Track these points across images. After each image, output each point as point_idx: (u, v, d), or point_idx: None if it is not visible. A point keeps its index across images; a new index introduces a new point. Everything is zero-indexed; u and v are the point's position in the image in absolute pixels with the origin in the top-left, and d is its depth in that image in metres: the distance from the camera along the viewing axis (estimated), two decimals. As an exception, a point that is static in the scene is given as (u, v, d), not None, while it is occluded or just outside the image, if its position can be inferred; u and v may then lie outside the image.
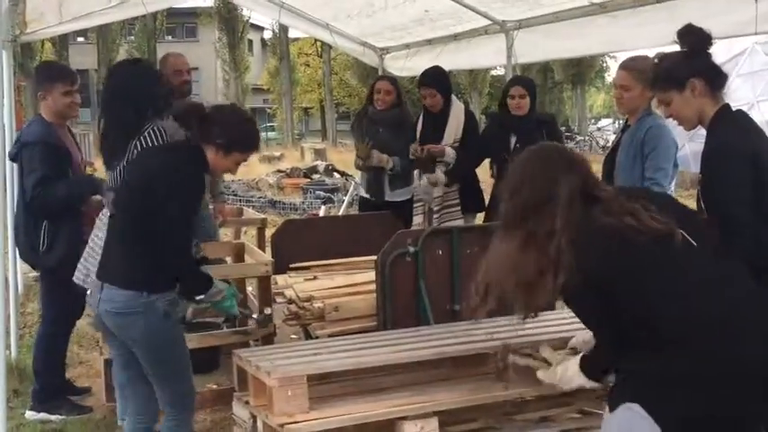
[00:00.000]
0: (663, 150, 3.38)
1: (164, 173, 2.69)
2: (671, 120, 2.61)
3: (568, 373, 2.43)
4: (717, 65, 2.45)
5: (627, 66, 3.50)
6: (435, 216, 4.80)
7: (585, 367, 2.37)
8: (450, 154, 4.73)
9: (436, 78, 4.82)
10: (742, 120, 2.45)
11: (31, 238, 3.83)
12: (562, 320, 3.07)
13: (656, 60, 2.59)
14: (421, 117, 5.01)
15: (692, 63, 2.41)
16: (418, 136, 4.92)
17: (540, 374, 2.60)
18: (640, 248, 2.06)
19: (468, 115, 4.90)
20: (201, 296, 2.80)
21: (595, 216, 2.12)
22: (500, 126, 4.71)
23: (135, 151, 3.19)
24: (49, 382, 3.99)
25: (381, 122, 4.93)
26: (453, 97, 4.91)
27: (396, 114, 4.95)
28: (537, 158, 2.28)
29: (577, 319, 2.33)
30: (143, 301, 2.65)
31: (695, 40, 2.43)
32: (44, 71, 4.25)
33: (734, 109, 2.44)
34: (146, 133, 3.22)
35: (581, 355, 2.44)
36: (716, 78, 2.43)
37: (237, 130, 2.80)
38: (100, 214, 3.33)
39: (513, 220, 2.20)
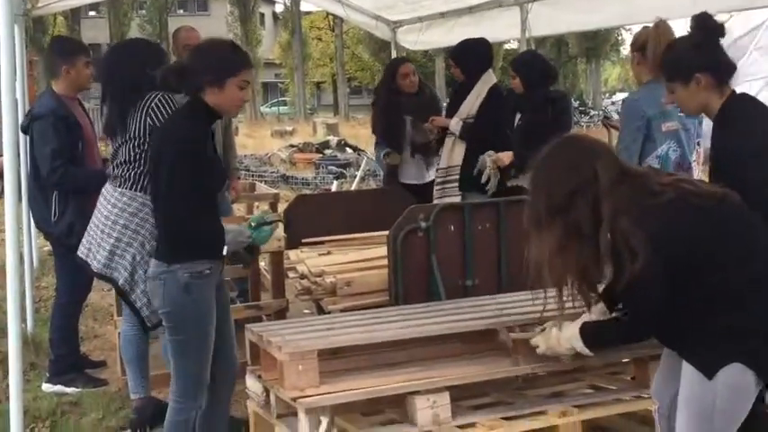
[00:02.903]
0: (624, 126, 3.35)
1: (158, 140, 2.76)
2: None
3: (566, 334, 2.43)
4: (726, 58, 2.42)
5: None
6: (437, 188, 4.77)
7: (587, 334, 2.37)
8: (453, 125, 4.67)
9: (456, 51, 4.78)
10: (750, 109, 2.43)
11: (42, 208, 3.90)
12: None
13: (667, 47, 2.57)
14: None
15: (699, 56, 2.39)
16: (448, 107, 4.94)
17: (535, 340, 2.60)
18: (711, 210, 2.13)
19: (491, 92, 4.61)
20: (225, 249, 2.69)
21: (654, 191, 2.14)
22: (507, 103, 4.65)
23: (148, 120, 3.19)
24: (65, 353, 4.05)
25: (411, 108, 4.93)
26: (487, 74, 4.65)
27: (426, 97, 5.04)
28: (565, 148, 2.28)
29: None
30: (164, 269, 2.67)
31: (705, 34, 2.41)
32: (65, 45, 4.31)
33: (738, 93, 2.43)
34: (153, 104, 3.21)
35: (582, 321, 2.43)
36: (724, 72, 2.41)
37: (215, 60, 2.69)
38: (102, 189, 3.34)
39: (548, 215, 2.18)
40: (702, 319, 2.14)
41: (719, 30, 2.41)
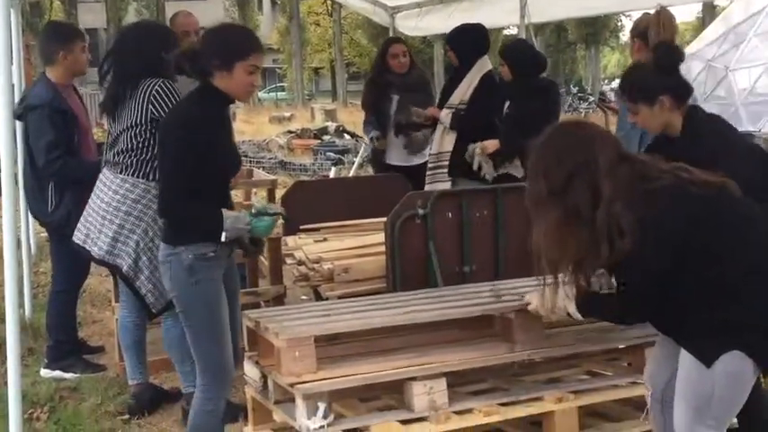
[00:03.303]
0: (625, 114, 3.30)
1: (164, 123, 2.78)
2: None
3: (560, 294, 2.41)
4: (686, 81, 2.70)
5: None
6: (429, 174, 4.77)
7: (582, 299, 2.37)
8: (443, 117, 4.65)
9: (452, 36, 4.79)
10: (715, 120, 2.72)
11: (38, 198, 3.89)
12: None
13: (629, 70, 2.83)
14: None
15: (663, 80, 2.63)
16: (442, 91, 4.93)
17: (529, 296, 2.63)
18: (709, 199, 2.14)
19: (484, 79, 4.58)
20: (224, 235, 2.63)
21: (652, 176, 2.16)
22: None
23: (150, 108, 3.17)
24: (63, 339, 4.06)
25: (398, 86, 4.94)
26: (482, 60, 4.61)
27: (413, 76, 5.03)
28: (565, 131, 2.30)
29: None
30: (170, 251, 2.67)
31: (669, 61, 2.65)
32: (61, 29, 4.24)
33: (692, 105, 2.69)
34: (154, 91, 3.18)
35: (573, 291, 2.42)
36: (684, 94, 2.67)
37: (223, 43, 2.66)
38: (100, 175, 3.33)
39: (548, 198, 2.19)
40: (700, 310, 2.14)
41: (680, 58, 2.68)
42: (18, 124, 4.02)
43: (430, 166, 4.77)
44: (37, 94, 3.86)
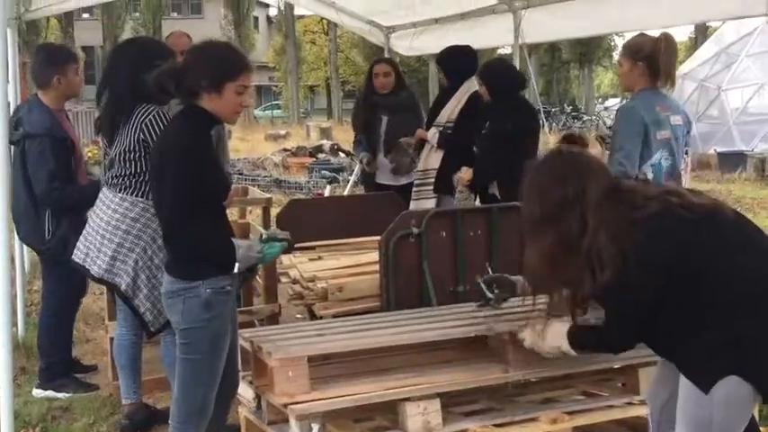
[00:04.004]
0: (622, 130, 3.34)
1: (159, 152, 2.60)
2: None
3: (553, 331, 2.44)
4: None
5: (624, 44, 3.54)
6: (414, 190, 4.80)
7: (575, 336, 2.38)
8: (430, 137, 4.69)
9: (442, 56, 4.85)
10: None
11: (34, 225, 3.82)
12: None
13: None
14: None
15: None
16: (431, 109, 4.99)
17: (523, 333, 2.61)
18: (698, 223, 2.13)
19: (470, 100, 4.64)
20: (236, 266, 2.55)
21: (638, 204, 2.15)
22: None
23: (141, 136, 3.15)
24: (54, 360, 4.03)
25: (387, 107, 4.97)
26: (470, 81, 4.67)
27: (401, 98, 5.05)
28: (556, 160, 2.31)
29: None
30: (185, 286, 2.53)
31: None
32: (54, 53, 4.12)
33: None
34: (147, 120, 3.16)
35: (571, 323, 2.44)
36: None
37: (211, 63, 2.52)
38: (99, 194, 3.33)
39: (540, 223, 2.20)
40: (695, 333, 2.13)
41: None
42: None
43: (416, 182, 4.82)
44: (36, 122, 3.79)
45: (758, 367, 2.08)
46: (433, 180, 4.69)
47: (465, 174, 4.44)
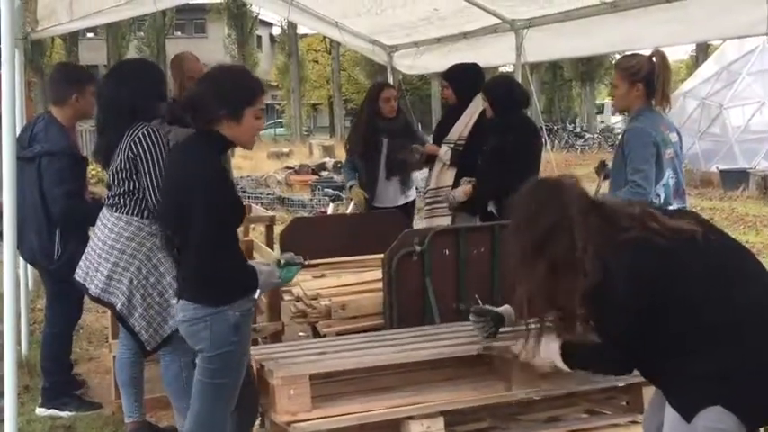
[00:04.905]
0: (638, 152, 3.33)
1: (183, 180, 2.54)
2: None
3: (549, 351, 2.42)
4: None
5: (617, 64, 3.55)
6: (427, 209, 4.81)
7: (568, 352, 2.38)
8: (442, 154, 4.72)
9: (450, 73, 4.87)
10: None
11: (45, 244, 3.83)
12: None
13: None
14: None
15: None
16: (437, 127, 5.04)
17: (517, 348, 2.60)
18: (675, 251, 2.10)
19: (481, 117, 4.62)
20: (257, 291, 2.60)
21: (620, 225, 2.16)
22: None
23: (129, 154, 3.16)
24: (58, 379, 4.02)
25: (388, 131, 5.02)
26: (478, 97, 4.63)
27: (401, 122, 5.12)
28: (534, 190, 2.30)
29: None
30: (210, 311, 2.51)
31: None
32: (74, 72, 4.17)
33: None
34: (136, 137, 3.17)
35: (565, 341, 2.43)
36: None
37: (228, 91, 2.51)
38: (99, 215, 3.35)
39: (531, 251, 2.20)
40: (678, 361, 2.11)
41: None
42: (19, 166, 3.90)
43: (428, 200, 4.82)
44: (54, 139, 3.81)
45: (742, 397, 2.03)
46: (446, 198, 4.70)
47: (463, 192, 4.42)
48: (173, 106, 2.70)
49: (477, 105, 4.66)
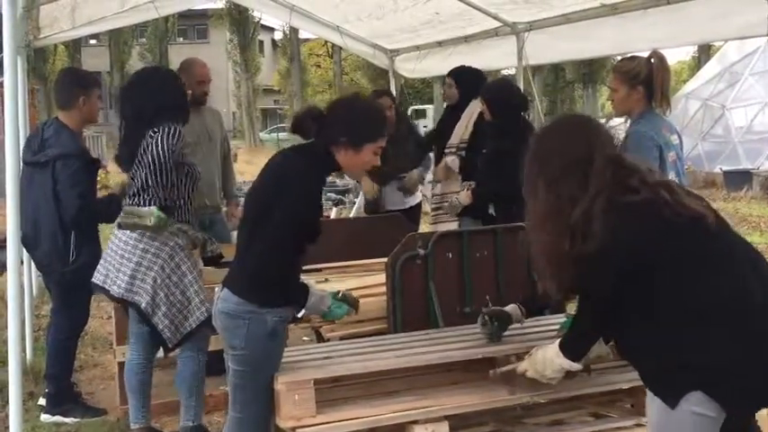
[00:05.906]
0: (641, 156, 3.30)
1: (280, 181, 2.60)
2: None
3: (548, 355, 2.43)
4: None
5: (615, 67, 3.53)
6: (433, 214, 4.83)
7: (566, 348, 2.38)
8: (450, 163, 4.73)
9: (457, 71, 4.90)
10: None
11: (59, 248, 3.82)
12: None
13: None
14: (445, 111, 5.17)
15: None
16: (437, 127, 5.08)
17: (522, 367, 2.58)
18: (676, 226, 2.09)
19: (479, 120, 4.67)
20: (302, 310, 2.67)
21: (631, 186, 2.13)
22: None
23: (152, 148, 3.17)
24: (63, 386, 4.03)
25: (394, 138, 5.01)
26: (476, 100, 4.65)
27: (405, 128, 5.19)
28: (567, 122, 2.32)
29: None
30: (251, 309, 2.56)
31: None
32: (81, 76, 4.19)
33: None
34: (158, 135, 3.19)
35: (558, 340, 2.44)
36: None
37: (360, 124, 2.63)
38: (118, 218, 3.37)
39: (542, 184, 2.20)
40: (661, 349, 2.09)
41: None
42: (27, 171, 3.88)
43: (433, 206, 4.84)
44: (66, 143, 3.83)
45: (724, 383, 2.02)
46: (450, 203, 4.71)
47: (465, 198, 4.41)
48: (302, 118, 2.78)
49: (475, 107, 4.70)
